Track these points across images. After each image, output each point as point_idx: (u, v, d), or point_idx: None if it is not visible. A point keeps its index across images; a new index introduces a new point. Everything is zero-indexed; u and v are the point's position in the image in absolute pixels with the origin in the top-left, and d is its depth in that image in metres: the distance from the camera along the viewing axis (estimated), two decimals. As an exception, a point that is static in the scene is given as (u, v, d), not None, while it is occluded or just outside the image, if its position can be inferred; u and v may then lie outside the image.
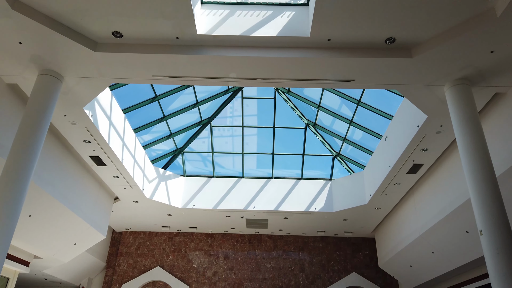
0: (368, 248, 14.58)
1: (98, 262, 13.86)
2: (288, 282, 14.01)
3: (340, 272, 14.17)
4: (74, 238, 10.06)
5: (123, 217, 13.32)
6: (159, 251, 14.51)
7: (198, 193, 12.71)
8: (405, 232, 10.97)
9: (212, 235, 14.83)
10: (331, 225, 13.54)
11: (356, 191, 11.94)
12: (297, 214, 12.74)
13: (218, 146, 13.27)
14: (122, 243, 14.61)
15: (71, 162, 9.08)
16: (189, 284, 13.93)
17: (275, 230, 14.40)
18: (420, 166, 9.21)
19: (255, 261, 14.37)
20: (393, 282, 13.95)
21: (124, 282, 13.92)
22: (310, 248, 14.63)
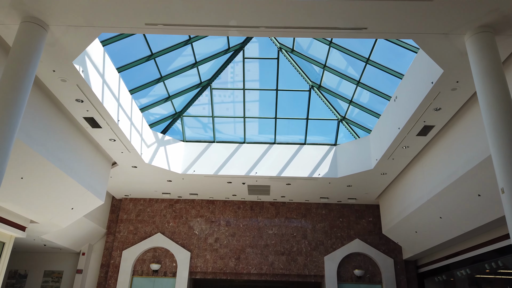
0: (371, 215, 14.36)
1: (98, 228, 13.71)
2: (290, 248, 13.88)
3: (343, 239, 14.02)
4: (71, 203, 9.77)
5: (122, 183, 13.03)
6: (159, 217, 14.33)
7: (199, 158, 12.35)
8: (412, 197, 10.65)
9: (213, 202, 14.61)
10: (335, 191, 13.25)
11: (361, 156, 11.55)
12: (300, 180, 12.42)
13: (219, 112, 12.78)
14: (122, 210, 14.41)
15: (65, 124, 8.64)
16: (190, 250, 13.82)
17: (277, 197, 14.13)
18: (431, 127, 8.74)
19: (257, 227, 14.21)
20: (397, 248, 13.81)
21: (125, 248, 13.81)
22: (312, 215, 14.42)
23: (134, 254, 13.60)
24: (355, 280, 13.47)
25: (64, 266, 13.96)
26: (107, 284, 13.32)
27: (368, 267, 13.64)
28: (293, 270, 13.57)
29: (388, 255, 13.71)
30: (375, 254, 13.60)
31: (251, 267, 13.61)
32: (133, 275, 13.53)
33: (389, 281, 13.22)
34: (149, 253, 13.84)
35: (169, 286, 13.40)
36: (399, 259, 13.67)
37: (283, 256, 13.78)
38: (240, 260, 13.70)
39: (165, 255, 13.80)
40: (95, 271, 13.88)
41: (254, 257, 13.74)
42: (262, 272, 13.56)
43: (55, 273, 13.83)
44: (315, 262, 13.69)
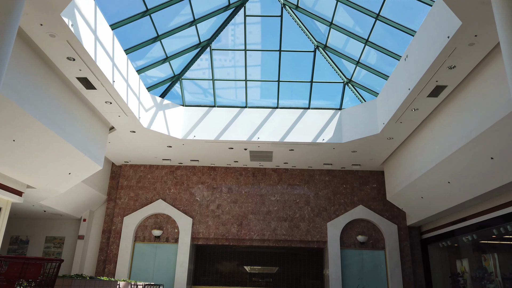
0: (376, 181, 14.13)
1: (98, 195, 13.55)
2: (293, 215, 13.76)
3: (346, 205, 13.85)
4: (67, 168, 9.49)
5: (121, 149, 12.73)
6: (160, 184, 14.14)
7: (199, 123, 11.97)
8: (419, 162, 10.33)
9: (214, 169, 14.36)
10: (339, 157, 12.94)
11: (367, 120, 11.15)
12: (303, 146, 12.08)
13: (219, 76, 12.27)
14: (122, 176, 14.20)
15: (57, 84, 8.20)
16: (192, 216, 13.72)
17: (280, 163, 13.86)
18: (443, 87, 8.28)
19: (259, 194, 14.03)
20: (401, 215, 13.67)
21: (126, 215, 13.71)
22: (316, 181, 14.19)
23: (135, 220, 13.51)
24: (358, 246, 13.41)
25: (66, 232, 13.92)
26: (109, 249, 13.31)
27: (371, 233, 13.54)
28: (295, 236, 13.50)
29: (391, 221, 13.58)
30: (378, 220, 13.47)
31: (253, 233, 13.54)
32: (135, 241, 13.49)
33: (392, 247, 13.15)
34: (150, 220, 13.75)
35: (172, 252, 13.39)
36: (402, 225, 13.55)
37: (286, 223, 13.67)
38: (242, 226, 13.61)
39: (167, 222, 13.71)
40: (96, 237, 13.85)
41: (257, 223, 13.64)
42: (265, 238, 13.50)
43: (56, 239, 13.82)
44: (318, 228, 13.59)
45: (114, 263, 13.12)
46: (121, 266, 12.95)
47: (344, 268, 13.20)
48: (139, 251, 13.40)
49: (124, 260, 13.02)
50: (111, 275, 13.00)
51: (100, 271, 13.27)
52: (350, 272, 13.18)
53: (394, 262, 12.97)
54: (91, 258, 13.60)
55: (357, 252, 13.40)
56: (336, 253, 13.18)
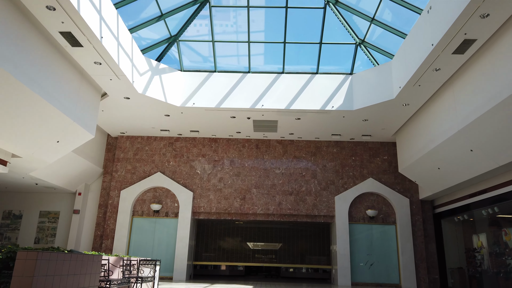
0: (386, 153, 13.33)
1: (94, 167, 12.85)
2: (298, 189, 13.05)
3: (355, 178, 13.11)
4: (55, 135, 8.72)
5: (116, 118, 11.93)
6: (159, 156, 13.40)
7: (198, 90, 11.10)
8: (437, 129, 9.49)
9: (216, 140, 13.58)
10: (349, 127, 12.11)
11: (381, 85, 10.25)
12: (311, 114, 11.24)
13: (220, 39, 11.31)
14: (118, 148, 13.46)
15: (39, 40, 7.32)
16: (192, 190, 13.03)
17: (285, 134, 13.05)
18: (472, 42, 7.35)
19: (263, 167, 13.29)
20: (413, 187, 12.94)
21: (123, 188, 13.04)
22: (323, 153, 13.41)
23: (133, 194, 12.85)
24: (368, 220, 12.75)
25: (61, 206, 13.30)
26: (106, 224, 12.71)
27: (381, 207, 12.85)
28: (301, 210, 12.83)
29: (403, 194, 12.86)
30: (389, 193, 12.75)
31: (257, 207, 12.87)
32: (133, 215, 12.87)
33: (404, 221, 12.47)
34: (149, 193, 13.08)
35: (172, 226, 12.78)
36: (415, 199, 12.83)
37: (291, 196, 12.98)
38: (246, 201, 12.94)
39: (166, 195, 13.05)
40: (93, 212, 13.23)
41: (260, 197, 12.96)
42: (269, 213, 12.84)
43: (51, 213, 13.21)
44: (325, 202, 12.91)
45: (112, 239, 12.54)
46: (118, 241, 12.37)
47: (353, 244, 12.58)
48: (137, 226, 12.80)
49: (122, 235, 12.43)
50: (109, 250, 12.44)
51: (97, 247, 12.71)
52: (358, 247, 12.57)
53: (405, 237, 12.33)
54: (87, 233, 13.02)
55: (366, 227, 12.75)
56: (344, 228, 12.53)
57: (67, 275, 3.84)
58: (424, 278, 12.12)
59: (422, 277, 12.13)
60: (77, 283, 3.93)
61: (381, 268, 12.38)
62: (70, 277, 3.86)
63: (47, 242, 12.88)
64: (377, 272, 12.35)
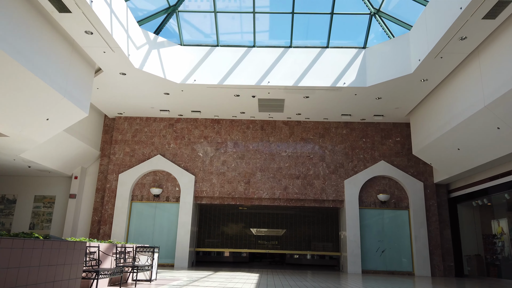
0: (399, 134, 12.59)
1: (90, 150, 12.19)
2: (306, 172, 12.36)
3: (366, 161, 12.41)
4: (44, 112, 8.02)
5: (112, 96, 11.20)
6: (159, 138, 12.71)
7: (200, 66, 10.34)
8: (460, 106, 8.73)
9: (219, 121, 12.86)
10: (360, 106, 11.35)
11: (398, 59, 9.46)
12: (320, 92, 10.48)
13: (223, 15, 10.48)
14: (116, 130, 12.77)
15: (24, 7, 6.55)
16: (194, 174, 12.38)
17: (292, 114, 12.31)
18: (507, 3, 6.53)
19: (269, 149, 12.59)
20: (427, 171, 12.23)
21: (121, 172, 12.40)
22: (332, 135, 12.68)
23: (132, 177, 12.21)
24: (379, 205, 12.08)
25: (56, 190, 12.70)
26: (103, 209, 12.10)
27: (393, 191, 12.17)
28: (309, 194, 12.17)
29: (417, 178, 12.16)
30: (402, 177, 12.06)
31: (262, 192, 12.23)
32: (132, 200, 12.25)
33: (417, 206, 11.80)
34: (148, 177, 12.44)
35: (173, 212, 12.17)
36: (429, 183, 12.14)
37: (298, 180, 12.31)
38: (250, 184, 12.29)
39: (167, 179, 12.40)
40: (90, 196, 12.62)
41: (266, 181, 12.30)
42: (275, 197, 12.20)
43: (46, 198, 12.61)
44: (334, 186, 12.23)
45: (110, 224, 11.95)
46: (117, 227, 11.78)
47: (363, 230, 11.95)
48: (137, 211, 12.19)
49: (120, 220, 11.83)
50: (107, 237, 11.86)
51: (94, 233, 12.14)
52: (369, 233, 11.94)
53: (419, 223, 11.68)
54: (84, 218, 12.43)
55: (378, 212, 12.09)
56: (354, 213, 11.88)
57: (39, 267, 3.17)
58: (438, 265, 11.51)
59: (436, 265, 11.52)
60: (52, 276, 3.27)
61: (393, 255, 11.77)
62: (43, 268, 3.19)
63: (43, 227, 12.32)
64: (389, 259, 11.75)
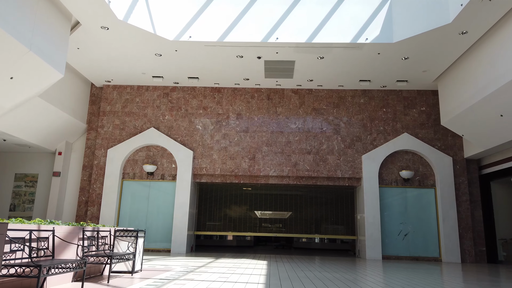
0: (425, 103, 11.10)
1: (76, 122, 10.81)
2: (318, 146, 10.95)
3: (386, 134, 10.96)
4: (6, 68, 6.59)
5: (97, 59, 9.75)
6: (152, 109, 11.29)
7: (196, 19, 8.82)
8: (505, 65, 7.20)
9: (219, 90, 11.40)
10: (383, 69, 9.84)
11: (432, 7, 7.90)
12: (338, 51, 8.97)
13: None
14: (104, 100, 11.35)
15: None
16: (193, 149, 11.00)
17: (302, 81, 10.82)
18: None
19: (276, 121, 11.16)
20: (456, 144, 10.78)
21: (110, 147, 11.03)
22: (347, 104, 11.21)
23: (122, 153, 10.85)
24: (401, 183, 10.69)
25: (39, 168, 11.38)
26: (91, 188, 10.79)
27: (418, 167, 10.76)
28: (322, 172, 10.79)
29: (445, 152, 10.72)
30: (428, 151, 10.62)
31: (269, 169, 10.85)
32: (123, 178, 10.92)
33: (445, 183, 10.40)
34: (141, 153, 11.07)
35: (169, 191, 10.85)
36: (458, 158, 10.71)
37: (310, 156, 10.91)
38: (255, 161, 10.91)
39: (162, 155, 11.04)
40: (76, 174, 11.30)
41: (273, 157, 10.91)
42: (284, 175, 10.82)
43: (28, 176, 11.31)
44: (350, 162, 10.83)
45: (98, 205, 10.66)
46: (106, 208, 10.49)
47: (383, 211, 10.60)
48: (128, 190, 10.88)
49: (110, 201, 10.53)
50: (95, 219, 10.59)
51: (81, 215, 10.86)
52: (390, 215, 10.59)
53: (447, 203, 10.30)
54: (70, 199, 11.15)
55: (400, 191, 10.71)
56: (373, 192, 10.51)
57: None
58: (469, 250, 10.18)
59: (467, 249, 10.19)
60: None
61: (418, 239, 10.44)
62: None
63: (25, 209, 11.06)
64: (412, 243, 10.42)
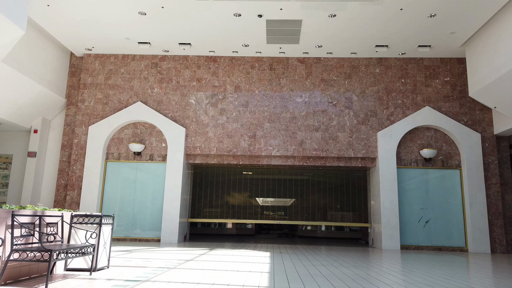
0: (449, 73, 9.76)
1: (53, 96, 9.54)
2: (327, 123, 9.66)
3: (405, 108, 9.65)
4: None
5: (71, 21, 8.41)
6: (139, 81, 9.99)
7: (185, -32, 7.45)
8: None
9: (215, 59, 10.07)
10: (404, 30, 8.48)
11: None
12: (353, 5, 7.61)
13: None
14: (85, 71, 10.04)
15: None
16: (185, 126, 9.73)
17: (310, 47, 9.47)
18: None
19: (280, 94, 9.85)
20: (485, 119, 9.48)
21: (92, 123, 9.77)
22: (361, 75, 9.88)
23: (105, 131, 9.59)
24: (422, 163, 9.43)
25: (14, 148, 10.14)
26: (70, 170, 9.57)
27: (441, 146, 9.48)
28: (331, 151, 9.52)
29: (472, 128, 9.43)
30: (452, 127, 9.33)
31: (272, 148, 9.59)
32: (107, 159, 9.68)
33: (473, 163, 9.13)
34: (127, 130, 9.81)
35: (158, 173, 9.62)
36: (488, 134, 9.42)
37: (318, 133, 9.63)
38: (256, 139, 9.64)
39: (150, 133, 9.78)
40: (54, 154, 10.07)
41: (277, 134, 9.64)
42: (288, 155, 9.57)
43: (1, 157, 10.08)
44: (364, 140, 9.55)
45: (79, 189, 9.45)
46: (88, 193, 9.28)
47: (402, 195, 9.36)
48: (113, 172, 9.65)
49: (92, 184, 9.31)
50: (75, 205, 9.38)
51: (60, 200, 9.66)
52: (409, 200, 9.36)
53: (475, 185, 9.05)
54: (48, 182, 9.93)
55: (421, 172, 9.45)
56: (391, 174, 9.25)
57: None
58: (499, 239, 8.97)
59: (497, 238, 8.97)
60: None
61: (441, 227, 9.22)
62: None
63: (-3, 194, 9.87)
64: (435, 232, 9.21)
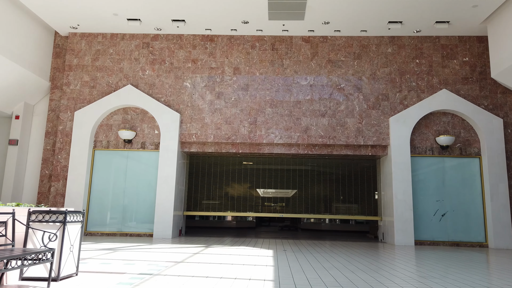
0: (468, 52, 8.93)
1: (36, 79, 8.75)
2: (335, 107, 8.87)
3: (420, 91, 8.85)
4: None
5: (51, -7, 7.58)
6: (129, 62, 9.17)
7: None
8: None
9: (212, 38, 9.23)
10: (421, 4, 7.63)
11: None
12: (365, -26, 6.76)
13: None
14: (70, 52, 9.22)
15: None
16: (179, 111, 8.94)
17: (316, 24, 8.63)
18: None
19: (283, 77, 9.04)
20: (508, 102, 8.69)
21: (78, 108, 8.98)
22: (372, 54, 9.05)
23: (93, 116, 8.80)
24: (438, 151, 8.65)
25: (-6, 136, 9.38)
26: (55, 159, 8.80)
27: (459, 132, 8.70)
28: (339, 138, 8.74)
29: (493, 113, 8.64)
30: (472, 111, 8.53)
31: (274, 135, 8.81)
32: (95, 147, 8.91)
33: (494, 151, 8.36)
34: (116, 116, 9.02)
35: (151, 163, 8.86)
36: (511, 119, 8.63)
37: (324, 119, 8.84)
38: (257, 125, 8.86)
39: (142, 119, 8.99)
40: (38, 142, 9.30)
41: (279, 120, 8.85)
42: (292, 142, 8.79)
43: (-20, 146, 9.32)
44: (374, 126, 8.77)
45: (64, 180, 8.69)
46: (74, 184, 8.52)
47: (416, 186, 8.60)
48: (101, 162, 8.88)
49: (78, 175, 8.55)
50: (60, 197, 8.63)
51: (45, 192, 8.91)
52: (424, 191, 8.60)
53: (496, 175, 8.29)
54: (31, 173, 9.18)
55: (437, 161, 8.68)
56: (404, 163, 8.48)
57: None
58: (523, 234, 8.23)
59: (520, 233, 8.24)
60: None
61: (458, 220, 8.48)
62: None
63: (-23, 185, 9.11)
64: (452, 226, 8.47)
